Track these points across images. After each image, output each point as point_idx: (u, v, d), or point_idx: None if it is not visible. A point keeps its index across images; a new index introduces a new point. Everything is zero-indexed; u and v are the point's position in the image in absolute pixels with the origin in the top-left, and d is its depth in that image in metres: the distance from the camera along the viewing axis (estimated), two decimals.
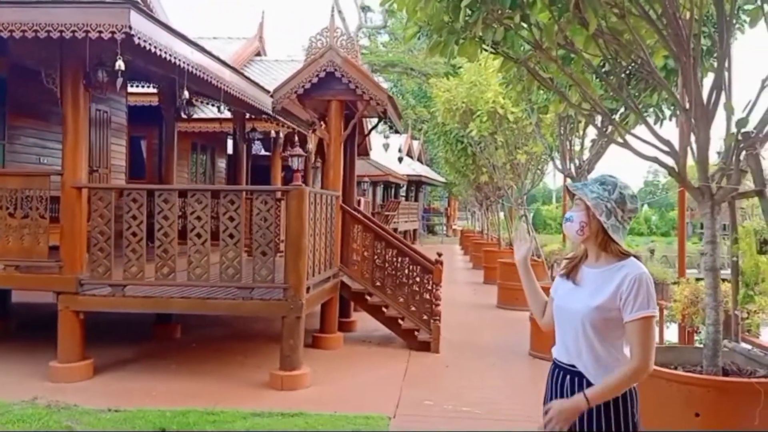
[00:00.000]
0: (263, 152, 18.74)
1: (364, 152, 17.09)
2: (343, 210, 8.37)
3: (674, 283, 6.01)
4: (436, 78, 13.31)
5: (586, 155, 8.25)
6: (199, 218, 6.26)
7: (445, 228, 43.65)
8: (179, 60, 6.22)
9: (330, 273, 7.75)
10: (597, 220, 2.39)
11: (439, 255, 8.66)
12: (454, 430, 5.19)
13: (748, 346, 4.17)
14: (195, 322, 9.33)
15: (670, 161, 4.02)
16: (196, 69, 6.71)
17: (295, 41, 41.77)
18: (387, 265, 8.34)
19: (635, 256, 2.40)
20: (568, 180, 8.56)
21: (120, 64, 5.40)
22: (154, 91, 10.57)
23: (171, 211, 6.27)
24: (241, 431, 4.93)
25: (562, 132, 8.22)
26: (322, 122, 8.75)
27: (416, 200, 36.50)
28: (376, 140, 29.43)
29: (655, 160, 3.98)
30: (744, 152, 3.77)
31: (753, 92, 3.71)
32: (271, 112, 9.29)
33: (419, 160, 36.12)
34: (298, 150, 6.92)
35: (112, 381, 6.29)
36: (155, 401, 5.61)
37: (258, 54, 17.35)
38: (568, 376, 2.45)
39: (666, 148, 4.01)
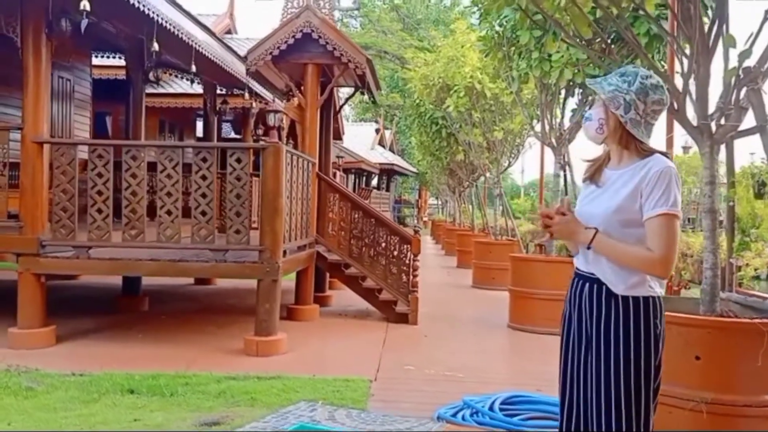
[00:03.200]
0: (233, 135, 18.33)
1: (337, 136, 16.75)
2: (319, 178, 8.11)
3: None
4: (412, 53, 13.10)
5: (567, 125, 8.15)
6: (169, 176, 5.94)
7: (416, 219, 43.54)
8: (148, 8, 5.87)
9: (306, 241, 7.49)
10: (615, 115, 2.20)
11: (416, 229, 8.49)
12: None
13: (743, 296, 4.07)
14: (164, 296, 9.00)
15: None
16: (166, 22, 6.38)
17: (267, 19, 40.92)
18: (364, 235, 8.11)
19: (662, 153, 2.22)
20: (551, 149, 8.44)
21: (85, 4, 5.05)
22: (121, 63, 10.15)
23: (139, 168, 5.94)
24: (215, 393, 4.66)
25: (543, 101, 8.10)
26: (297, 90, 8.48)
27: (388, 190, 36.30)
28: (348, 128, 29.12)
29: None
30: (745, 88, 3.65)
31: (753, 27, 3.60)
32: (243, 80, 8.97)
33: (391, 149, 35.89)
34: (276, 105, 6.64)
35: (76, 347, 5.95)
36: (123, 366, 5.30)
37: (228, 32, 16.88)
38: (587, 284, 2.27)
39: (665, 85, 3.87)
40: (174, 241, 5.92)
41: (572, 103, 8.36)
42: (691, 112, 3.86)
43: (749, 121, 3.75)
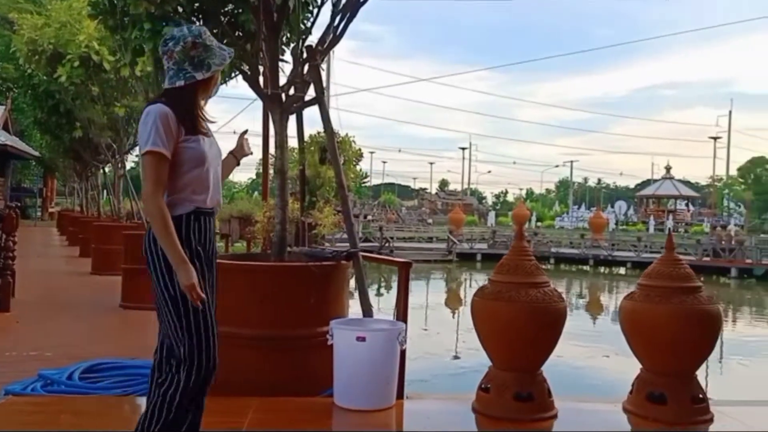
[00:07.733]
0: None
1: None
2: None
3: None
4: (18, 14, 11.48)
5: None
6: None
7: (41, 211, 38.83)
8: None
9: None
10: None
11: (16, 205, 7.59)
12: None
13: (311, 249, 4.65)
14: None
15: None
16: None
17: None
18: None
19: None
20: None
21: None
22: None
23: None
24: None
25: (158, 77, 7.98)
26: None
27: (3, 176, 31.38)
28: None
29: (241, 72, 4.14)
30: (307, 65, 4.17)
31: None
32: None
33: (6, 129, 31.02)
34: None
35: None
36: None
37: None
38: (211, 218, 2.52)
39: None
40: None
41: None
42: None
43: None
